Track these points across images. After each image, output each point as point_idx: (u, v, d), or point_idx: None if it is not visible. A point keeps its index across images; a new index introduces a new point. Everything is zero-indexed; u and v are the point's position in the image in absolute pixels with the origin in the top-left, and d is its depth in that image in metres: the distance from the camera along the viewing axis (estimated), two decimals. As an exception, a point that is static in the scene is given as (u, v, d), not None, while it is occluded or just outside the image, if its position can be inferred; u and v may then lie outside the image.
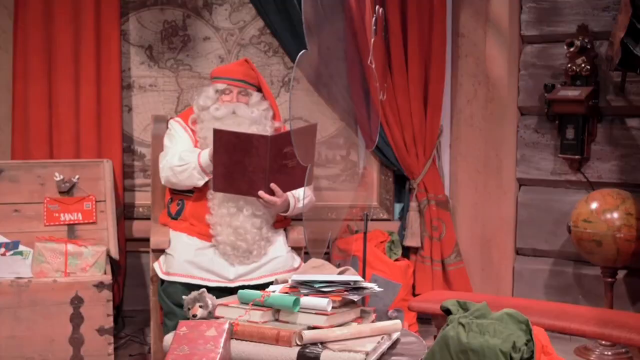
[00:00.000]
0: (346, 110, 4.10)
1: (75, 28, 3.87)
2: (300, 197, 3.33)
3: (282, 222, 3.43)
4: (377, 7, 3.47)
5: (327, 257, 3.46)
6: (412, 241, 4.04)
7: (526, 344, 1.85)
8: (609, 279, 3.60)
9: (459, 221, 4.13)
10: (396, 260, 3.96)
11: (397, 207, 4.22)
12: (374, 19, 3.42)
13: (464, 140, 4.12)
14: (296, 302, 2.36)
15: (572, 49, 3.75)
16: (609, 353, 3.54)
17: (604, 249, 3.48)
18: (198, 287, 2.98)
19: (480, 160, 4.09)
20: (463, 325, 1.91)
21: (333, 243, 3.96)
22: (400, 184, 4.20)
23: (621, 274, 3.71)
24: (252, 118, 3.36)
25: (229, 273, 3.19)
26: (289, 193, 3.27)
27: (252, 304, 2.39)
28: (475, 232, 4.11)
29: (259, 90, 3.51)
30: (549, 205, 3.96)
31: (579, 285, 3.90)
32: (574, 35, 3.79)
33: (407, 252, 4.09)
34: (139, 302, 4.00)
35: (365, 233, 3.52)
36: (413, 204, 4.05)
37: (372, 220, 4.07)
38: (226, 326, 2.15)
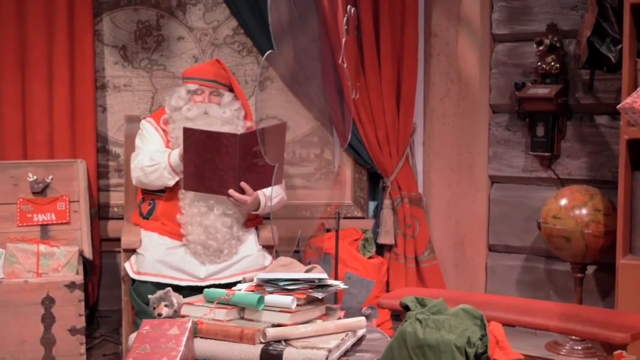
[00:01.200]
0: (321, 109, 4.13)
1: (48, 28, 3.88)
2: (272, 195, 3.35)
3: (254, 220, 3.45)
4: (348, 6, 3.50)
5: (298, 255, 3.49)
6: (385, 239, 4.07)
7: (481, 339, 1.88)
8: (579, 275, 3.65)
9: (432, 218, 4.16)
10: (370, 257, 3.99)
11: (372, 205, 4.25)
12: (345, 18, 3.44)
13: (437, 138, 4.15)
14: (260, 300, 2.38)
15: (541, 48, 3.79)
16: (579, 348, 3.58)
17: (572, 244, 3.52)
18: (169, 286, 3.02)
19: (453, 157, 4.12)
20: (420, 321, 1.94)
21: (307, 241, 3.99)
22: (374, 182, 4.24)
23: (591, 269, 3.76)
24: (224, 118, 3.39)
25: (200, 272, 3.21)
26: (259, 192, 3.29)
27: (217, 303, 2.41)
28: (449, 229, 4.15)
29: (231, 90, 3.53)
30: (521, 202, 4.00)
31: (550, 280, 3.94)
32: (543, 34, 3.83)
33: (381, 249, 4.12)
34: (114, 302, 3.99)
35: (337, 231, 3.55)
36: (387, 202, 4.09)
37: (346, 218, 4.12)
38: (189, 325, 2.17)
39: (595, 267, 3.78)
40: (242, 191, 3.21)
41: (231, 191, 3.19)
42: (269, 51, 2.80)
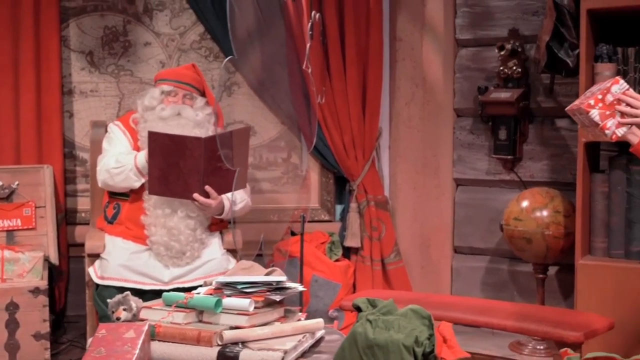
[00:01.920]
0: (288, 114, 4.17)
1: (14, 34, 3.88)
2: (236, 200, 3.38)
3: (218, 224, 3.47)
4: (313, 12, 3.55)
5: (261, 258, 3.52)
6: (352, 241, 4.11)
7: (428, 338, 1.92)
8: (540, 275, 3.71)
9: (398, 221, 4.21)
10: (336, 260, 4.03)
11: (339, 208, 4.30)
12: (310, 24, 3.49)
13: (402, 141, 4.20)
14: (218, 303, 2.41)
15: (502, 53, 3.85)
16: (541, 347, 3.64)
17: (533, 246, 3.58)
18: (133, 290, 3.05)
19: (418, 161, 4.17)
20: (370, 322, 1.98)
21: (275, 245, 4.03)
22: (341, 186, 4.28)
23: (553, 270, 3.82)
24: (196, 121, 3.41)
25: (164, 276, 3.23)
26: (224, 196, 3.32)
27: (175, 306, 2.44)
28: (415, 232, 4.19)
29: (203, 95, 3.56)
30: (485, 205, 4.06)
31: (514, 282, 4.00)
32: (505, 39, 3.89)
33: (347, 252, 4.16)
34: (82, 307, 3.98)
35: (302, 234, 3.58)
36: (353, 205, 4.13)
37: (313, 221, 4.16)
38: (145, 328, 2.20)
39: (557, 268, 3.84)
40: (206, 195, 3.24)
41: (196, 195, 3.22)
42: (229, 57, 2.84)
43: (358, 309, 2.13)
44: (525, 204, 3.63)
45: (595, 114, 2.36)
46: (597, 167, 3.57)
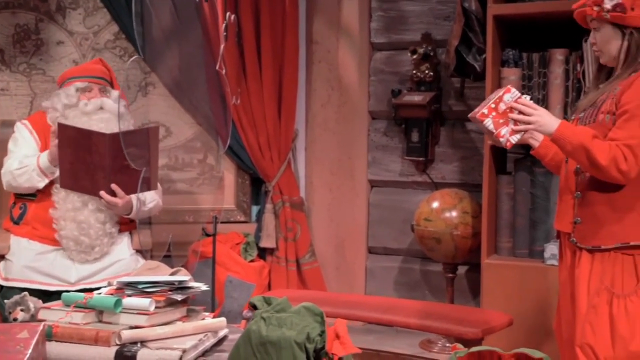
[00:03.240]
0: (204, 115, 4.16)
1: None
2: (146, 200, 3.36)
3: (128, 225, 3.44)
4: (227, 13, 3.56)
5: (169, 259, 3.50)
6: (267, 242, 4.13)
7: (320, 335, 1.96)
8: (450, 275, 3.79)
9: (314, 222, 4.24)
10: (251, 261, 4.04)
11: (255, 209, 4.31)
12: (224, 25, 3.50)
13: (318, 143, 4.24)
14: (118, 303, 2.39)
15: (415, 56, 3.93)
16: (450, 345, 3.72)
17: (443, 246, 3.66)
18: (38, 292, 3.00)
19: (334, 162, 4.22)
20: (264, 319, 2.00)
21: (189, 246, 4.01)
22: (257, 187, 4.29)
23: (463, 269, 3.91)
24: (119, 113, 3.36)
25: (71, 277, 3.19)
26: (133, 196, 3.29)
27: (75, 306, 2.41)
28: (330, 233, 4.24)
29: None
30: (398, 206, 4.13)
31: (426, 281, 4.08)
32: (418, 43, 3.97)
33: (263, 253, 4.18)
34: (-9, 310, 3.92)
35: (214, 235, 3.58)
36: (268, 206, 4.15)
37: (229, 222, 4.16)
38: (39, 328, 2.16)
39: (466, 268, 3.93)
40: (114, 193, 3.20)
41: (102, 193, 3.18)
42: (133, 57, 2.82)
43: (254, 307, 2.15)
44: (435, 204, 3.71)
45: (489, 122, 2.44)
46: (504, 169, 3.67)
